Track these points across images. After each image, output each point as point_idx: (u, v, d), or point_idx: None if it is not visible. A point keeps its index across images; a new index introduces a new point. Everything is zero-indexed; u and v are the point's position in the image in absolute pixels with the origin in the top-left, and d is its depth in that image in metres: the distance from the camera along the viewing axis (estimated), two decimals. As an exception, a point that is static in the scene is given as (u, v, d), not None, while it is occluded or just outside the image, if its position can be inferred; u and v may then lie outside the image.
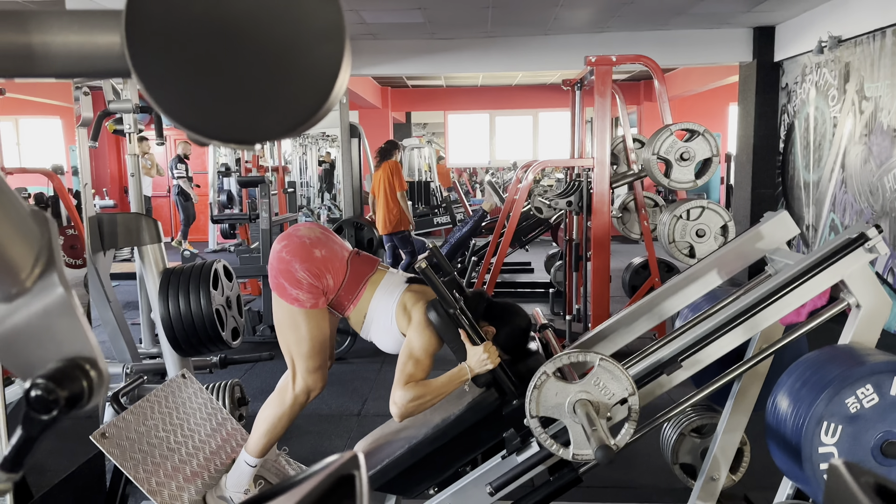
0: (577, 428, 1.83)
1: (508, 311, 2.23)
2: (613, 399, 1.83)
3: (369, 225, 5.72)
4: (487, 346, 2.03)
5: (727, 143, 11.47)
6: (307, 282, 2.13)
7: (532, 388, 1.84)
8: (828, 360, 1.87)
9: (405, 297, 2.20)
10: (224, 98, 0.50)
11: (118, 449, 2.09)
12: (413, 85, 12.37)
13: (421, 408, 2.05)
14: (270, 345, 5.18)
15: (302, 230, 2.23)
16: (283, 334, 2.22)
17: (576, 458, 1.86)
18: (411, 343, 2.10)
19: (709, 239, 3.96)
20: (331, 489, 0.46)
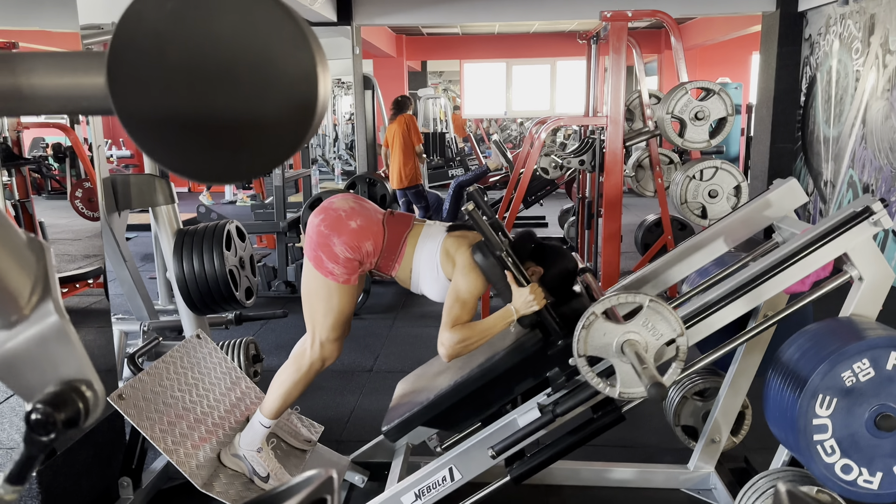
0: (624, 367, 1.89)
1: (555, 253, 2.25)
2: (661, 340, 1.88)
3: (382, 180, 5.72)
4: (534, 287, 2.06)
5: (749, 93, 11.24)
6: (344, 256, 2.17)
7: (580, 327, 1.88)
8: (827, 333, 1.89)
9: (447, 243, 2.23)
10: (204, 141, 0.52)
11: (135, 409, 2.18)
12: (428, 33, 12.18)
13: (468, 349, 2.10)
14: (285, 300, 5.28)
15: (336, 202, 2.27)
16: (310, 303, 2.26)
17: (622, 397, 1.91)
18: (457, 286, 2.14)
19: (721, 199, 3.94)
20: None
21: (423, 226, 2.32)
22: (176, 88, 0.50)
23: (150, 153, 0.53)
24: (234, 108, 0.50)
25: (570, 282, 2.27)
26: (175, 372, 2.45)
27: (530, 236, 2.30)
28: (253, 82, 0.51)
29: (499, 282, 2.10)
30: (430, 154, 10.25)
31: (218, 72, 0.50)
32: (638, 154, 5.18)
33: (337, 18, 7.38)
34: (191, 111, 0.50)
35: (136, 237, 7.54)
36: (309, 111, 0.51)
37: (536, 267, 2.21)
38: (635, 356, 1.79)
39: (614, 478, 2.66)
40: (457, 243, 2.22)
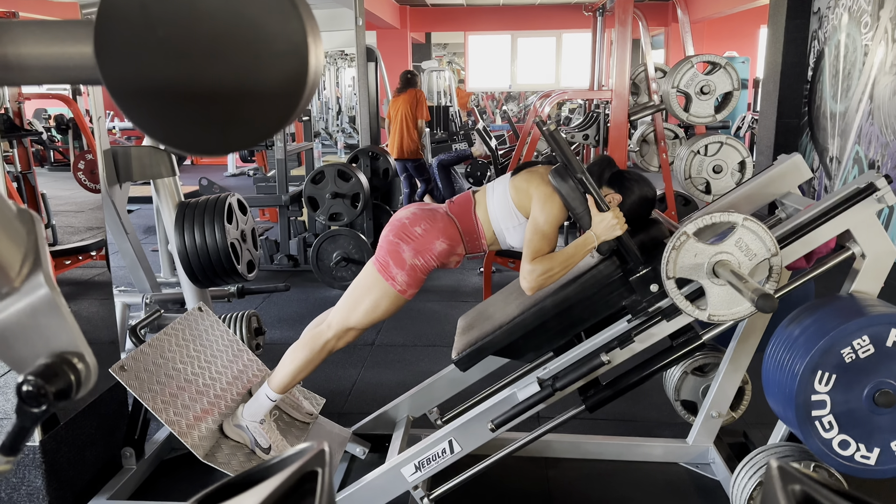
0: (715, 289, 1.85)
1: (635, 180, 2.21)
2: (755, 260, 1.84)
3: (385, 154, 5.70)
4: (615, 212, 2.03)
5: (756, 67, 11.12)
6: (412, 262, 2.17)
7: (670, 248, 1.84)
8: (828, 309, 1.88)
9: (515, 182, 2.21)
10: (193, 112, 0.51)
11: (137, 381, 2.19)
12: (432, 4, 12.04)
13: (550, 280, 2.07)
14: (287, 274, 5.29)
15: (401, 213, 2.28)
16: (358, 294, 2.25)
17: (711, 320, 1.88)
18: (535, 218, 2.11)
19: (726, 175, 3.91)
20: (293, 486, 0.49)
21: (483, 191, 2.31)
22: (164, 59, 0.49)
23: (139, 123, 0.52)
24: (224, 80, 0.49)
25: (648, 210, 2.23)
26: (177, 344, 2.47)
27: (610, 162, 2.27)
28: (242, 53, 0.50)
29: (578, 206, 2.06)
30: (434, 128, 10.19)
31: (207, 42, 0.49)
32: (643, 129, 5.14)
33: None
34: (179, 82, 0.50)
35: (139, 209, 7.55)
36: (300, 83, 0.50)
37: (616, 194, 2.17)
38: (732, 274, 1.75)
39: (613, 451, 2.68)
40: (527, 177, 2.19)
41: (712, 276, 1.84)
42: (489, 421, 2.09)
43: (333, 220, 4.88)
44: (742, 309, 1.85)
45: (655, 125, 4.86)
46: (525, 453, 2.66)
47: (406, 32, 12.16)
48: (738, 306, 1.85)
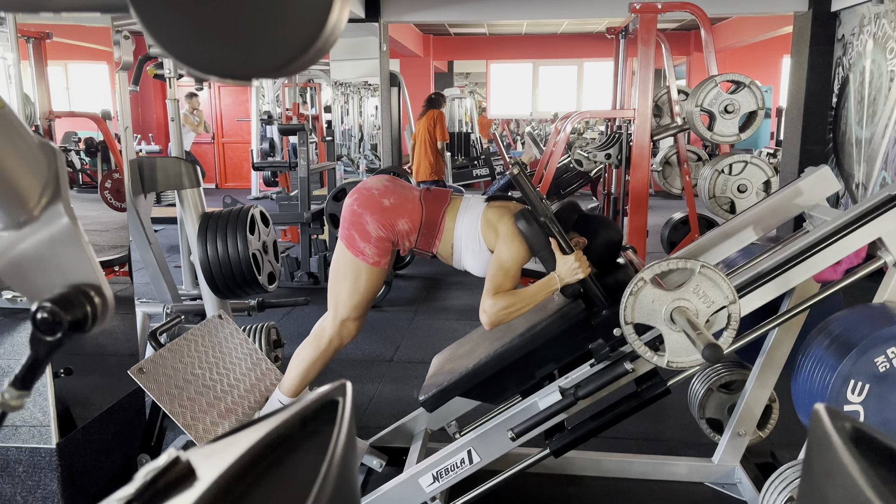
0: (673, 336, 1.84)
1: (600, 224, 2.22)
2: (713, 307, 1.82)
3: (406, 174, 5.72)
4: (578, 255, 2.03)
5: (779, 96, 11.07)
6: (377, 234, 2.15)
7: (628, 293, 1.83)
8: (859, 318, 1.83)
9: (487, 213, 2.20)
10: (218, 32, 0.50)
11: (155, 384, 2.18)
12: (455, 33, 12.18)
13: (510, 316, 2.07)
14: (308, 290, 5.29)
15: (370, 182, 2.26)
16: (336, 281, 2.26)
17: (670, 366, 1.86)
18: (500, 254, 2.11)
19: (750, 195, 3.87)
20: (314, 413, 0.48)
21: (461, 199, 2.29)
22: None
23: (164, 45, 0.51)
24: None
25: (614, 253, 2.23)
26: (196, 350, 2.46)
27: (575, 206, 2.27)
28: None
29: (542, 249, 2.06)
30: (455, 154, 10.24)
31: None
32: (665, 151, 5.12)
33: (365, 15, 7.40)
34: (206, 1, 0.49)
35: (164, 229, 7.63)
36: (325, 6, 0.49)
37: (580, 237, 2.17)
38: (687, 322, 1.74)
39: (636, 469, 2.61)
40: (498, 213, 2.19)
41: (670, 322, 1.82)
42: (509, 429, 2.04)
43: (354, 238, 4.87)
44: (700, 357, 1.82)
45: (678, 146, 4.84)
46: (546, 470, 2.61)
47: (429, 61, 12.29)
48: (697, 353, 1.82)
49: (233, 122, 12.62)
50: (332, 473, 0.39)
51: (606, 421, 2.09)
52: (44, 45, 4.55)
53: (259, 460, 0.41)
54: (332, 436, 0.43)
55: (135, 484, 0.39)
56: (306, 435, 0.45)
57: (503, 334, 2.24)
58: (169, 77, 3.42)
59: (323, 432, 0.45)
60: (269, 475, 0.41)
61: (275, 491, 0.40)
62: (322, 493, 0.37)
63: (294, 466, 0.42)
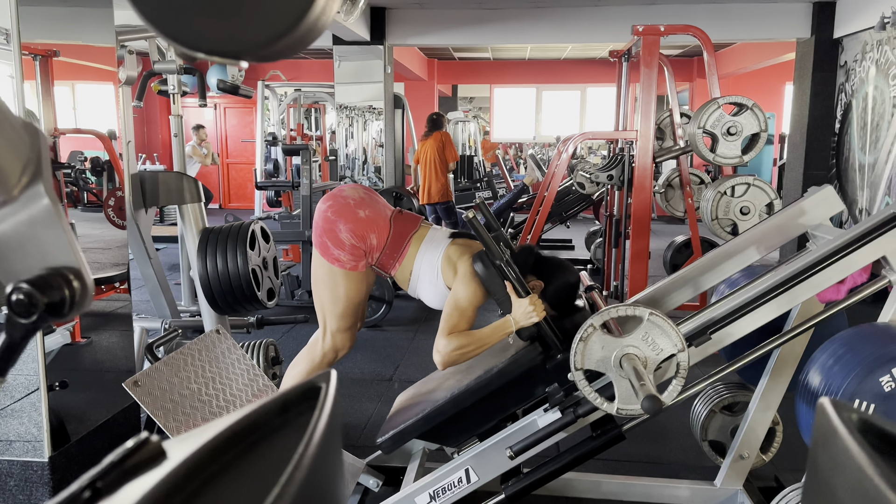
0: (622, 382, 1.82)
1: (557, 267, 2.22)
2: (661, 355, 1.82)
3: (409, 195, 5.72)
4: (533, 298, 2.03)
5: (782, 122, 11.12)
6: (350, 243, 2.15)
7: (578, 340, 1.83)
8: (863, 337, 1.81)
9: (450, 250, 2.20)
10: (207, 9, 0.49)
11: (150, 397, 2.15)
12: (460, 57, 12.28)
13: (464, 357, 2.06)
14: (308, 309, 5.26)
15: (346, 191, 2.25)
16: (319, 292, 2.26)
17: (619, 413, 1.84)
18: (457, 294, 2.11)
19: (753, 217, 3.86)
20: (296, 399, 0.46)
21: (429, 229, 2.30)
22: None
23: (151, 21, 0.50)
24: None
25: (571, 296, 2.23)
26: (192, 364, 2.43)
27: (531, 250, 2.27)
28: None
29: (498, 292, 2.07)
30: (458, 176, 10.27)
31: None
32: (668, 174, 5.12)
33: (370, 38, 7.46)
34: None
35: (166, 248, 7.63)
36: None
37: (537, 281, 2.17)
38: (633, 371, 1.73)
39: (637, 492, 2.57)
40: (459, 251, 2.19)
41: (619, 368, 1.81)
42: (507, 448, 2.01)
43: (355, 257, 4.87)
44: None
45: (681, 169, 4.84)
46: (546, 491, 2.56)
47: (433, 84, 12.38)
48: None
49: (237, 143, 12.68)
50: (307, 457, 0.37)
51: (562, 466, 2.07)
52: (50, 63, 4.57)
53: (233, 442, 0.40)
54: (310, 421, 0.41)
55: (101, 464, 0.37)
56: (285, 420, 0.43)
57: (463, 376, 2.23)
58: (172, 93, 3.44)
59: (303, 418, 0.43)
60: (243, 457, 0.39)
61: (248, 472, 0.38)
62: (295, 476, 0.35)
63: (270, 450, 0.40)
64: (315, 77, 11.25)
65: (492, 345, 2.09)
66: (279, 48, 0.53)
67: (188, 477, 0.35)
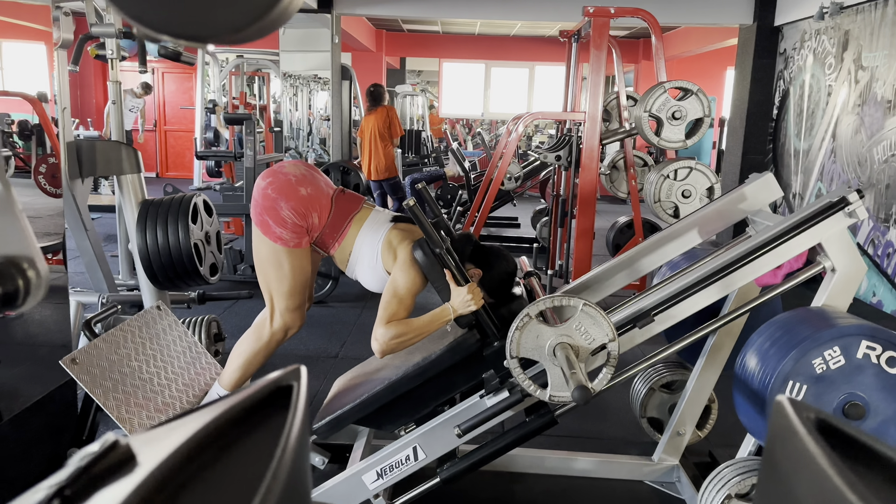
0: (555, 370, 1.86)
1: (495, 255, 2.23)
2: (594, 344, 1.86)
3: (356, 169, 5.66)
4: (472, 287, 2.04)
5: (722, 107, 11.39)
6: (291, 221, 2.11)
7: (514, 329, 1.85)
8: (798, 321, 1.88)
9: (391, 234, 2.19)
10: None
11: (88, 375, 2.09)
12: (409, 29, 12.14)
13: (402, 345, 2.07)
14: (250, 284, 5.17)
15: (287, 167, 2.20)
16: (263, 271, 2.21)
17: (552, 400, 1.89)
18: (395, 281, 2.10)
19: (694, 200, 3.95)
20: (266, 398, 0.45)
21: (371, 210, 2.28)
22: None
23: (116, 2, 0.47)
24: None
25: (509, 284, 2.26)
26: (132, 341, 2.37)
27: (469, 238, 2.29)
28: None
29: (437, 279, 2.08)
30: (406, 151, 10.19)
31: None
32: (613, 155, 5.20)
33: (318, 5, 7.30)
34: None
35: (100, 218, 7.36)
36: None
37: (476, 269, 2.19)
38: (565, 360, 1.77)
39: (578, 467, 2.63)
40: (400, 237, 2.19)
41: (553, 357, 1.86)
42: (455, 426, 2.03)
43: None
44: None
45: (625, 151, 4.92)
46: (490, 467, 2.59)
47: (381, 56, 12.21)
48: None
49: (176, 109, 12.29)
50: (285, 462, 0.36)
51: (496, 450, 2.11)
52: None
53: (206, 446, 0.39)
54: (285, 423, 0.41)
55: (68, 469, 0.35)
56: (257, 421, 0.43)
57: (402, 362, 2.26)
58: (111, 58, 3.29)
59: (275, 418, 0.43)
60: (217, 462, 0.38)
61: (223, 479, 0.37)
62: (274, 483, 0.35)
63: (244, 454, 0.40)
64: (259, 44, 10.94)
65: (430, 333, 2.11)
66: (250, 32, 0.51)
67: (162, 486, 0.34)
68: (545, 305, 1.87)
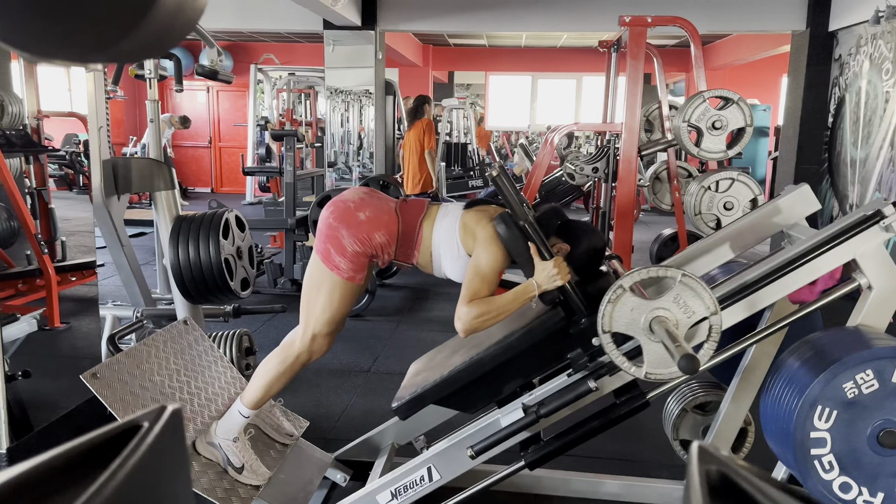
0: (652, 346, 1.76)
1: (584, 231, 2.15)
2: (693, 318, 1.75)
3: (396, 184, 5.67)
4: (557, 261, 1.96)
5: (778, 115, 11.04)
6: (353, 249, 2.10)
7: (606, 301, 1.76)
8: (830, 341, 1.78)
9: (465, 218, 2.14)
10: (37, 9, 0.45)
11: (108, 390, 2.12)
12: (455, 44, 12.18)
13: (486, 324, 2.00)
14: (290, 298, 5.22)
15: (346, 195, 2.22)
16: (310, 294, 2.19)
17: (647, 377, 1.79)
18: (478, 259, 2.04)
19: (737, 212, 3.82)
20: (116, 437, 0.42)
21: (438, 207, 2.24)
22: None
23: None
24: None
25: (597, 261, 2.16)
26: (157, 356, 2.39)
27: (557, 212, 2.21)
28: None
29: (521, 254, 1.99)
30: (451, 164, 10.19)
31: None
32: (656, 166, 5.08)
33: (361, 23, 7.38)
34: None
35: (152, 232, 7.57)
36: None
37: (563, 244, 2.11)
38: (665, 333, 1.66)
39: (606, 490, 2.55)
40: (476, 217, 2.13)
41: (649, 332, 1.75)
42: (469, 447, 1.98)
43: (338, 246, 4.84)
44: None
45: (669, 162, 4.79)
46: (514, 489, 2.54)
47: (428, 71, 12.28)
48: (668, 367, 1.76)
49: (230, 126, 12.59)
50: None
51: (583, 433, 2.01)
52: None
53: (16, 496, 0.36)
54: (105, 472, 0.37)
55: None
56: (79, 475, 0.39)
57: (481, 342, 2.16)
58: (149, 78, 3.38)
59: (97, 471, 0.39)
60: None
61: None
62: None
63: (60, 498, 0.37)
64: (309, 61, 11.14)
65: (514, 310, 2.02)
66: (124, 51, 0.49)
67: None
68: (641, 276, 1.76)
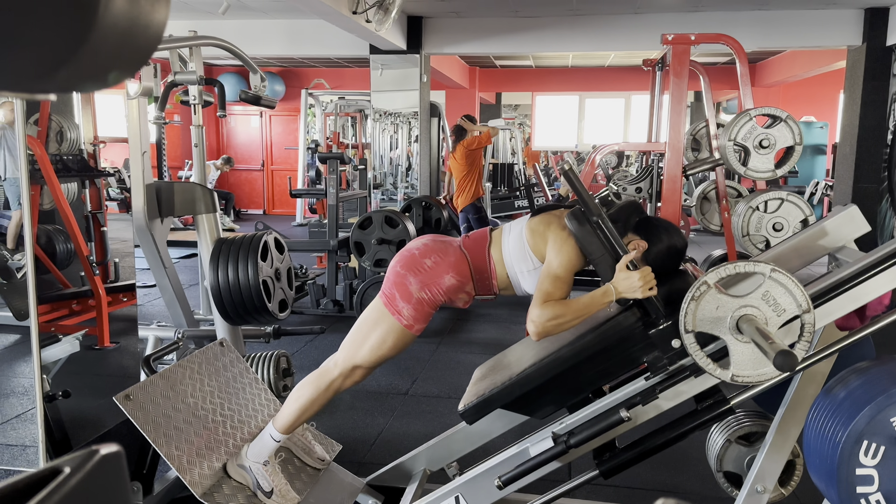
0: (739, 346, 1.67)
1: (664, 228, 2.06)
2: (784, 316, 1.65)
3: (438, 205, 5.67)
4: (645, 272, 1.86)
5: (835, 132, 10.71)
6: (418, 296, 2.09)
7: (689, 299, 1.66)
8: (877, 371, 1.67)
9: (531, 224, 2.10)
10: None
11: (141, 412, 2.14)
12: (501, 65, 12.21)
13: (559, 328, 1.92)
14: (332, 319, 5.25)
15: (412, 244, 2.23)
16: (362, 330, 2.17)
17: (734, 380, 1.69)
18: (550, 261, 1.99)
19: (787, 234, 3.68)
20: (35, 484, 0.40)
21: (500, 230, 2.21)
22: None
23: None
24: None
25: (676, 262, 2.06)
26: (191, 377, 2.42)
27: (636, 207, 2.13)
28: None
29: (595, 252, 1.91)
30: (497, 184, 10.17)
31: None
32: (704, 186, 4.96)
33: (406, 47, 7.46)
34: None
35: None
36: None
37: (640, 240, 2.02)
38: (756, 331, 1.57)
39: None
40: (545, 220, 2.08)
41: (736, 331, 1.65)
42: (497, 477, 1.93)
43: (379, 266, 4.85)
44: (770, 370, 1.65)
45: (717, 182, 4.67)
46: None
47: (475, 92, 12.33)
48: (766, 367, 1.65)
49: (282, 150, 12.85)
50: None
51: (663, 441, 1.91)
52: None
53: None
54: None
55: None
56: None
57: (550, 343, 2.07)
58: (194, 104, 3.46)
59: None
60: None
61: None
62: None
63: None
64: (358, 85, 11.31)
65: (589, 315, 1.95)
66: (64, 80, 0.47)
67: None
68: (727, 272, 1.67)
